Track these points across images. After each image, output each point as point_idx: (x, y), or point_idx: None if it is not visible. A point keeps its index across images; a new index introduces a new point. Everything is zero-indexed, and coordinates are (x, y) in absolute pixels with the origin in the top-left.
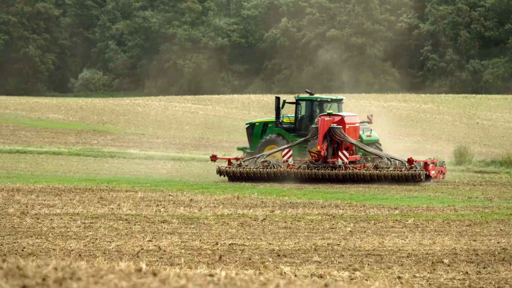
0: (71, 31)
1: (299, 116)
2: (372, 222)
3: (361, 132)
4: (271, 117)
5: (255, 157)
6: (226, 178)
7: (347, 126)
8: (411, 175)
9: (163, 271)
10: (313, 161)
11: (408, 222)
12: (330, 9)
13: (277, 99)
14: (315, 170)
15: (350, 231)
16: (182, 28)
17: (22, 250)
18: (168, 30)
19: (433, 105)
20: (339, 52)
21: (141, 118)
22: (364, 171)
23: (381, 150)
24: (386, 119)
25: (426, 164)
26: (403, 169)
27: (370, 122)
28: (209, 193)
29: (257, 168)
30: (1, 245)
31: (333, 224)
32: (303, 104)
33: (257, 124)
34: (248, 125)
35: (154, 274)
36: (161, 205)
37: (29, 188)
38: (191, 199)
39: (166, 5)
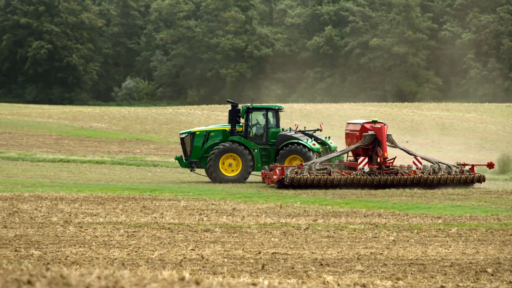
0: (115, 40)
1: (251, 124)
2: (415, 231)
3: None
4: (211, 126)
5: (306, 164)
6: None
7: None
8: (475, 178)
9: (206, 280)
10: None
11: (451, 231)
12: (372, 18)
13: (234, 107)
14: (391, 176)
15: (393, 240)
16: (226, 37)
17: (66, 259)
18: (212, 39)
19: (476, 114)
20: (382, 61)
21: (184, 127)
22: (433, 176)
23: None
24: (429, 128)
25: (473, 168)
26: (452, 173)
27: (321, 130)
28: (251, 202)
29: (328, 174)
30: (45, 253)
31: (376, 233)
32: (257, 112)
33: (197, 133)
34: (186, 134)
35: (197, 283)
36: (203, 214)
37: (72, 197)
38: (234, 208)
39: (209, 15)
